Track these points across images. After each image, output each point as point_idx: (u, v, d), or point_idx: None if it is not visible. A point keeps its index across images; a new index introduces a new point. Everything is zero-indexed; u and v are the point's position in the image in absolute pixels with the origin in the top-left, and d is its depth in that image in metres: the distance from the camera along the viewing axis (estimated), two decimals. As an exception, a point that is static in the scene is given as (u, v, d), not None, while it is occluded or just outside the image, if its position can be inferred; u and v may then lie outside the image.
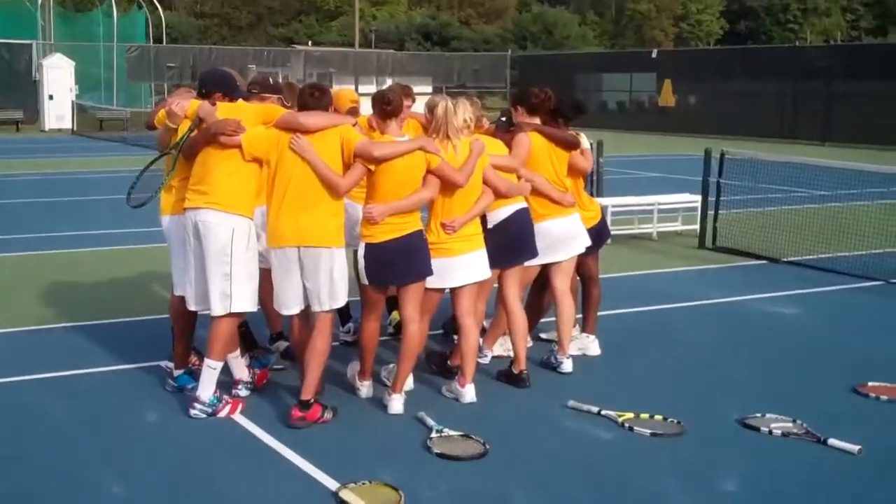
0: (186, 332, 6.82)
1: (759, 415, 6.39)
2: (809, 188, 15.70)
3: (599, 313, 8.04)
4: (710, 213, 13.11)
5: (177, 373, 6.86)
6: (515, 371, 7.05)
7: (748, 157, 13.97)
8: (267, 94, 6.90)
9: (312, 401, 6.21)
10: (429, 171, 6.34)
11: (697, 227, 13.46)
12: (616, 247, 12.20)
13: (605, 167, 14.76)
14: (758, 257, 12.23)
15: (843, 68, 35.16)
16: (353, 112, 7.59)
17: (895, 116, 32.32)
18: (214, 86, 6.64)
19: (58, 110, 37.70)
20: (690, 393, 7.05)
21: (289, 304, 6.32)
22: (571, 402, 6.59)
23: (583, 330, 7.97)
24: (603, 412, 6.42)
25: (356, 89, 40.24)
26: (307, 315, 6.38)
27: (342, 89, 8.28)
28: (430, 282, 6.48)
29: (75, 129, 36.86)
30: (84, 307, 9.37)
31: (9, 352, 7.92)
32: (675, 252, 12.93)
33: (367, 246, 6.30)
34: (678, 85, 41.57)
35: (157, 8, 49.56)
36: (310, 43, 62.36)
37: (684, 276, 11.51)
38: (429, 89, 48.21)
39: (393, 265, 6.30)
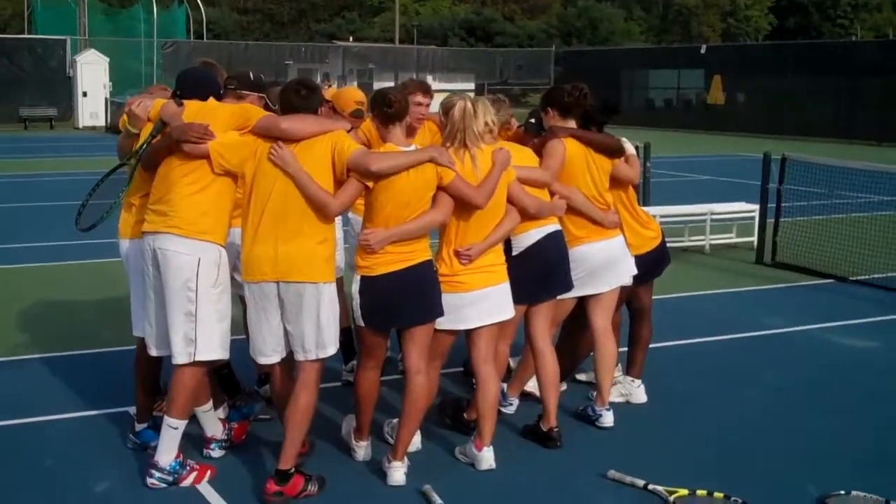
0: (148, 379, 5.70)
1: (842, 492, 5.17)
2: (871, 193, 14.20)
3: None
4: (770, 221, 11.81)
5: (139, 427, 5.74)
6: (544, 428, 5.85)
7: (813, 162, 12.60)
8: (245, 92, 5.72)
9: (293, 471, 5.05)
10: (440, 189, 5.17)
11: (755, 239, 12.18)
12: (664, 262, 10.94)
13: (652, 170, 13.51)
14: (822, 275, 10.94)
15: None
16: (359, 115, 6.46)
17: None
18: (191, 91, 5.39)
19: (92, 107, 36.91)
20: (756, 457, 5.80)
21: (266, 352, 5.17)
22: (612, 473, 5.38)
23: (626, 372, 6.77)
24: (650, 486, 5.21)
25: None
26: (291, 363, 5.24)
27: (345, 88, 7.12)
28: (441, 323, 5.30)
29: (109, 126, 36.02)
30: (64, 332, 8.34)
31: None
32: (730, 268, 11.65)
33: (364, 280, 5.14)
34: (728, 82, 40.06)
35: (198, 4, 48.81)
36: (351, 39, 61.39)
37: (741, 298, 10.23)
38: (471, 86, 47.20)
39: (395, 303, 5.14)
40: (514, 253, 5.67)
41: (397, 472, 5.25)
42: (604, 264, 6.07)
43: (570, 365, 6.54)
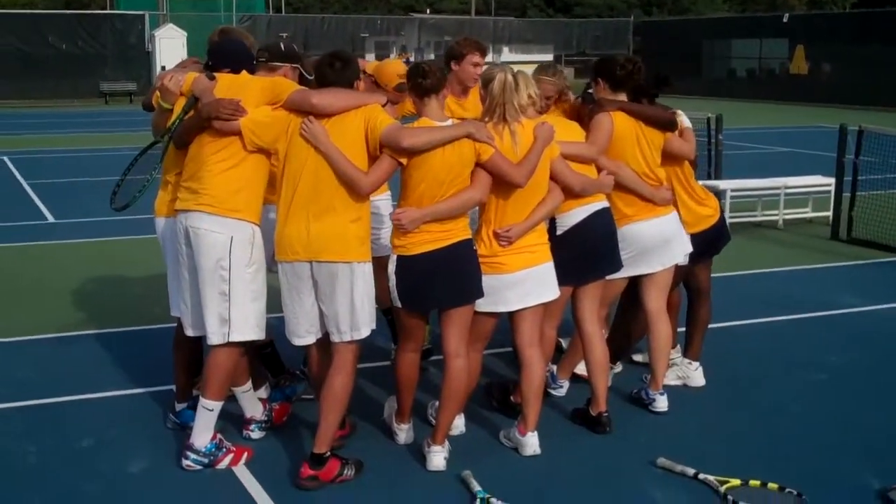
0: (187, 360, 5.60)
1: (907, 484, 4.89)
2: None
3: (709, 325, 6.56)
4: (846, 195, 11.36)
5: (179, 406, 5.66)
6: (593, 413, 5.64)
7: (891, 134, 12.06)
8: (277, 63, 5.55)
9: (328, 455, 4.92)
10: (478, 166, 4.96)
11: (830, 214, 11.74)
12: (734, 237, 10.43)
13: (725, 142, 13.08)
14: (899, 252, 10.51)
15: None
16: (402, 89, 6.24)
17: None
18: (223, 63, 5.25)
19: (171, 82, 37.22)
20: (818, 446, 5.52)
21: (300, 333, 5.03)
22: (661, 460, 5.15)
23: (684, 354, 6.51)
24: (701, 476, 4.97)
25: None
26: (328, 343, 5.09)
27: (388, 61, 6.87)
28: (481, 305, 5.11)
29: (144, 103, 36.18)
30: (117, 308, 8.34)
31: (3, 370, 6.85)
32: (804, 244, 11.25)
33: (400, 259, 4.97)
34: (811, 51, 38.90)
35: (277, -23, 49.10)
36: (428, 11, 61.09)
37: (813, 275, 9.85)
38: (549, 57, 46.58)
39: (432, 284, 4.96)
40: (558, 232, 5.44)
41: (437, 457, 5.09)
42: (656, 243, 5.81)
43: (623, 346, 6.33)
